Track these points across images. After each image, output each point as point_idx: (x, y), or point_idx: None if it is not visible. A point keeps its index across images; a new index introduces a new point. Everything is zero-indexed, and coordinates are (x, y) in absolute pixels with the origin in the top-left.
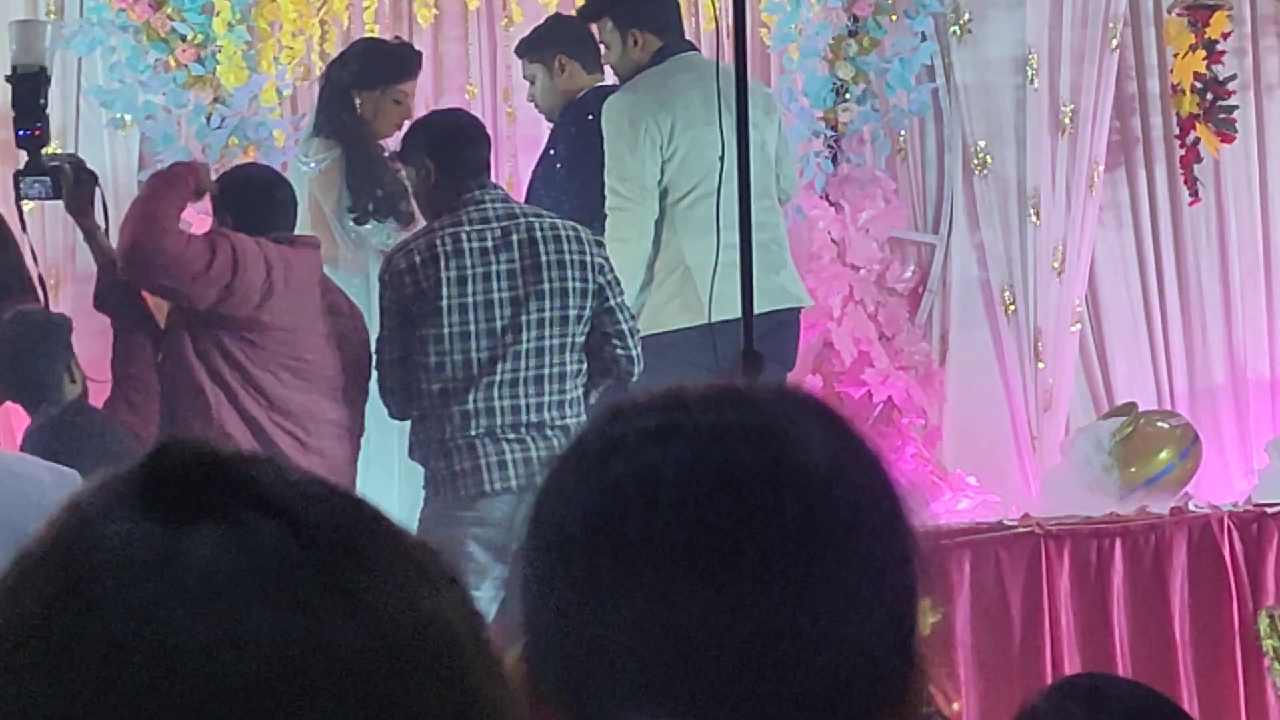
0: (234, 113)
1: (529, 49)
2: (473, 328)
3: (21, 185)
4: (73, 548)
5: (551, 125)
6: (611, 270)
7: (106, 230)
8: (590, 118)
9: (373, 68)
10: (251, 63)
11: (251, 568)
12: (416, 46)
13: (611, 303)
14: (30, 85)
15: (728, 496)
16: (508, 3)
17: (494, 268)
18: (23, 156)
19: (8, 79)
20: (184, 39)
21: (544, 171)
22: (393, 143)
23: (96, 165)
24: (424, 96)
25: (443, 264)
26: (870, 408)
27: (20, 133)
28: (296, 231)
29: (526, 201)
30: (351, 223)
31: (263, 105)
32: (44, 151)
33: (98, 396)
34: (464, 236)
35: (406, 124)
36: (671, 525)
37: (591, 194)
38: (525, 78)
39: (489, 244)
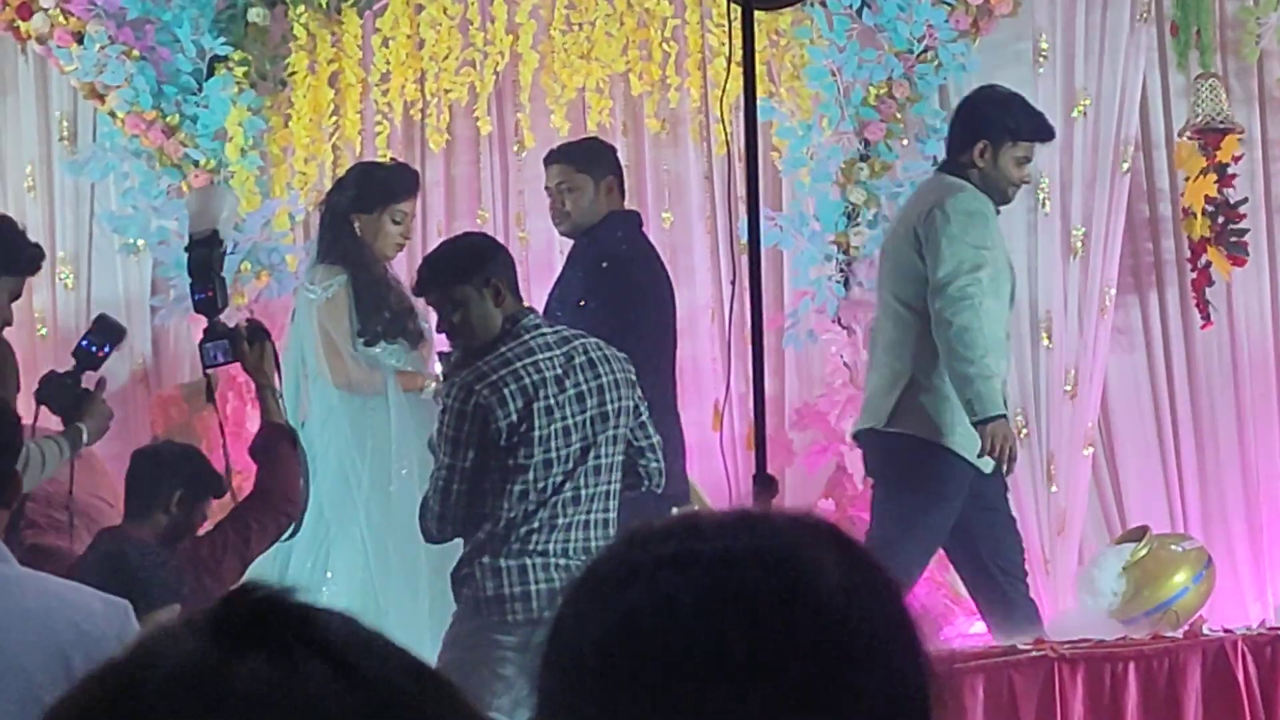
0: (247, 238)
1: (580, 160)
2: (554, 454)
3: (204, 352)
4: (135, 661)
5: (562, 241)
6: (639, 385)
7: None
8: (619, 236)
9: (369, 190)
10: (264, 188)
11: (295, 700)
12: (429, 172)
13: (644, 417)
14: (205, 250)
15: (744, 623)
16: (519, 128)
17: (567, 393)
18: (201, 322)
19: (185, 248)
20: (197, 164)
21: (561, 293)
22: (400, 264)
23: (109, 291)
24: (436, 221)
25: (533, 394)
26: None
27: (196, 296)
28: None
29: None
30: (361, 345)
31: (275, 230)
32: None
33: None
34: (543, 365)
35: (408, 242)
36: (688, 652)
37: (606, 316)
38: (559, 186)
39: (559, 370)
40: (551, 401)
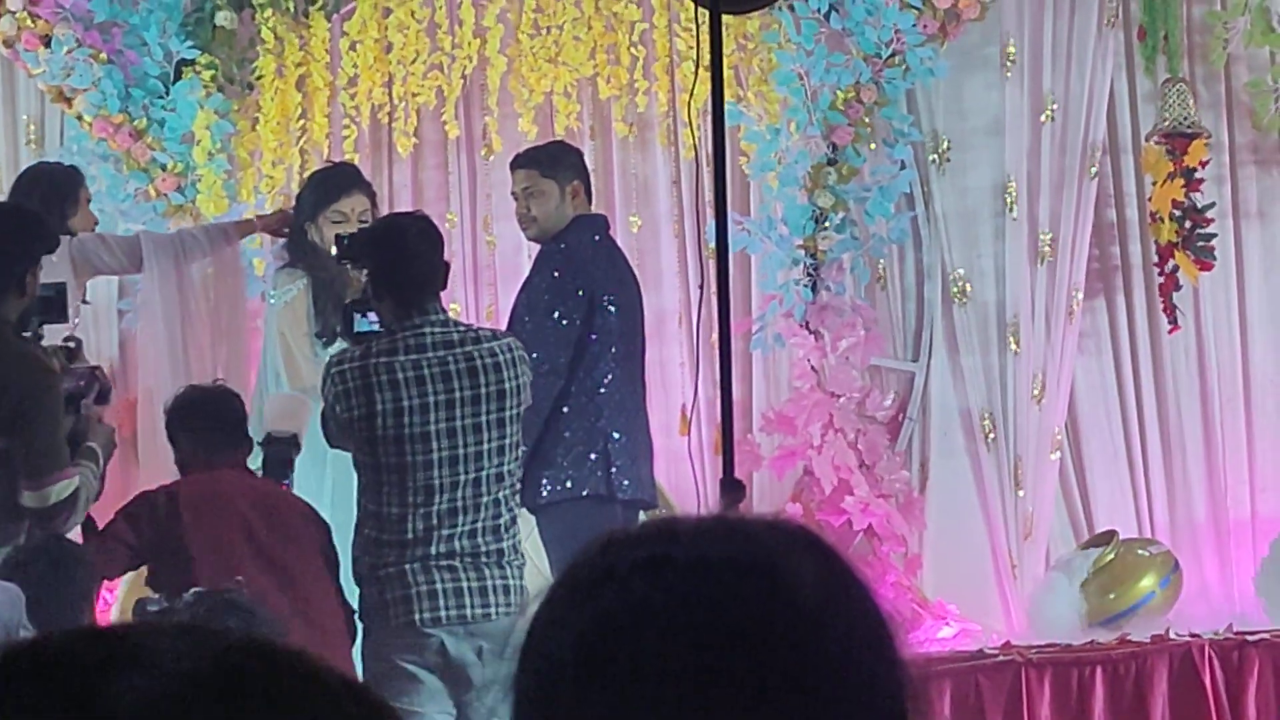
0: None
1: (545, 164)
2: (409, 459)
3: None
4: None
5: (530, 245)
6: (529, 389)
7: None
8: (586, 240)
9: (308, 195)
10: (231, 192)
11: None
12: (397, 175)
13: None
14: (283, 448)
15: (719, 629)
16: (487, 132)
17: (431, 399)
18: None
19: (260, 444)
20: (164, 168)
21: (528, 298)
22: None
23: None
24: None
25: (376, 395)
26: (850, 535)
27: None
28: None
29: (509, 328)
30: (320, 346)
31: None
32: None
33: None
34: (398, 367)
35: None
36: (662, 657)
37: (573, 321)
38: (525, 191)
39: (425, 373)
40: (404, 404)
